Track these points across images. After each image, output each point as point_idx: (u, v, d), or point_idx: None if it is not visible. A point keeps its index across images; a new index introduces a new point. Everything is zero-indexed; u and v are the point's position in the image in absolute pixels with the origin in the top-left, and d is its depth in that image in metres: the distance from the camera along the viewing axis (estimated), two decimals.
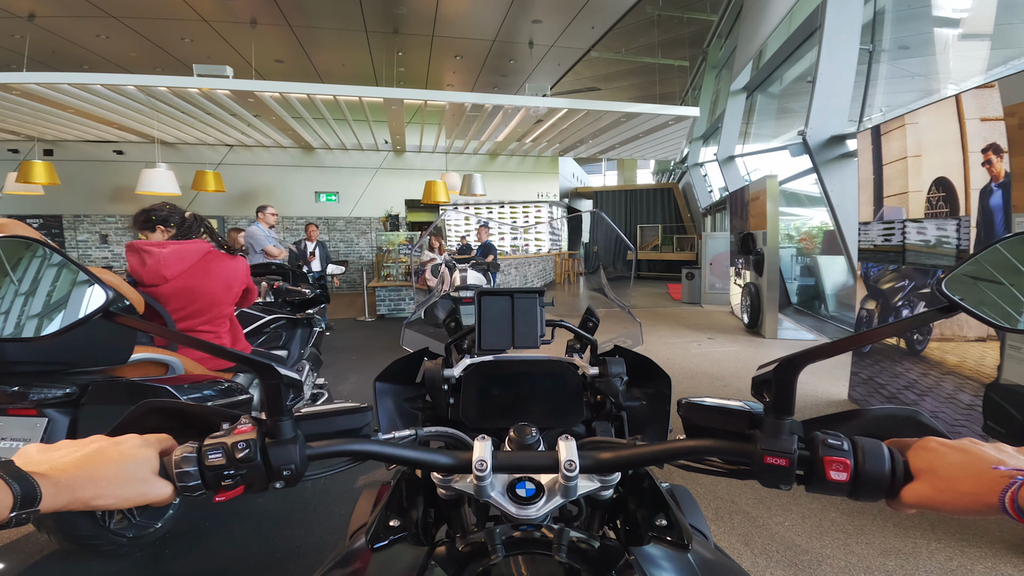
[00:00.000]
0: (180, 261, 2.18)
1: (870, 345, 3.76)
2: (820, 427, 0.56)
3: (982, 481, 0.43)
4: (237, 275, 2.40)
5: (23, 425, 1.61)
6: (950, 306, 0.48)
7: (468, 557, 0.59)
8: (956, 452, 0.46)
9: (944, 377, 3.02)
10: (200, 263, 2.26)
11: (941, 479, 0.46)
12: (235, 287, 2.39)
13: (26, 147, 10.63)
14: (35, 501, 0.43)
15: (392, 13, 7.82)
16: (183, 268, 2.19)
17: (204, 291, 2.26)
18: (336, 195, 12.46)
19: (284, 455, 0.54)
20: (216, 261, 2.33)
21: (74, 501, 0.46)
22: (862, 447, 0.50)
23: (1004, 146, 2.56)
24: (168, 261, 2.14)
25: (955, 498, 0.45)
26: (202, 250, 2.27)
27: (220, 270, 2.32)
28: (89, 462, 0.48)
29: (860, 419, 0.57)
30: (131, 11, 7.44)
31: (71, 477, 0.46)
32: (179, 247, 2.19)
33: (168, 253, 2.14)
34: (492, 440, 0.60)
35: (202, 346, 0.56)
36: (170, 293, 2.19)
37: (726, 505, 2.63)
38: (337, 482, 2.80)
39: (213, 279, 2.29)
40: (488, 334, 0.99)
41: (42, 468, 0.46)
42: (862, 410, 0.58)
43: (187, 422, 0.61)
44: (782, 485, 0.53)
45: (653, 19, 10.81)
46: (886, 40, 6.04)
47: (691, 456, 0.60)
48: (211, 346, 0.56)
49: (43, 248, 0.49)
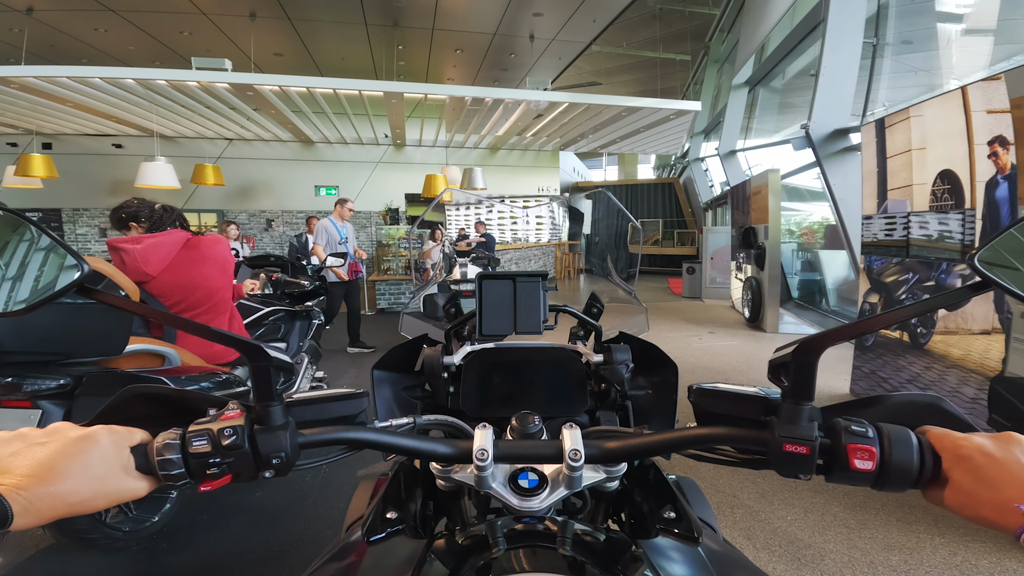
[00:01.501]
0: (159, 254, 2.14)
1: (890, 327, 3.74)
2: (840, 414, 0.53)
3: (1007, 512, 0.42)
4: (225, 254, 2.37)
5: (17, 417, 1.59)
6: (984, 282, 0.45)
7: (468, 550, 0.56)
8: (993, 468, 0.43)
9: (948, 371, 3.00)
10: (184, 252, 2.23)
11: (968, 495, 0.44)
12: (228, 267, 2.37)
13: (24, 141, 10.58)
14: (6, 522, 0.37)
15: (392, 6, 7.76)
16: (166, 261, 2.16)
17: (199, 279, 2.24)
18: (336, 189, 12.40)
19: (273, 442, 0.52)
20: (201, 246, 2.30)
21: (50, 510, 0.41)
22: (888, 434, 0.47)
23: (1010, 138, 2.53)
24: (146, 256, 2.10)
25: (974, 515, 0.44)
26: (180, 239, 2.24)
27: (208, 252, 2.29)
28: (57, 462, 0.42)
29: (881, 406, 0.54)
30: (129, 4, 7.39)
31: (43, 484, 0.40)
32: (155, 240, 2.16)
33: (144, 248, 2.11)
34: (493, 429, 0.58)
35: (186, 326, 0.53)
36: (165, 288, 2.17)
37: (727, 499, 2.62)
38: (336, 475, 2.78)
39: (205, 264, 2.26)
40: (489, 319, 0.96)
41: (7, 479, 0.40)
42: (883, 396, 0.55)
43: (174, 409, 0.58)
44: (802, 475, 0.50)
45: (655, 13, 10.74)
46: (890, 34, 6.00)
47: (703, 444, 0.57)
48: (194, 325, 0.53)
49: (23, 222, 0.47)
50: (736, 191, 8.44)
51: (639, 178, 19.92)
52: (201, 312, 2.26)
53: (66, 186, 10.10)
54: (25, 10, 7.30)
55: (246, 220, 11.90)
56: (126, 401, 0.57)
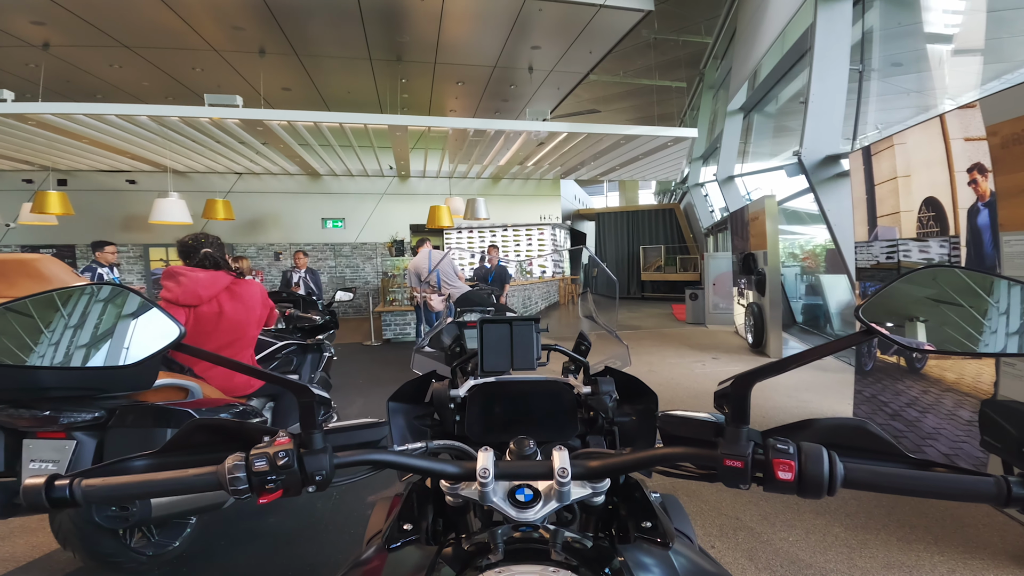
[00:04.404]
0: (212, 285, 2.42)
1: (803, 365, 3.80)
2: (776, 435, 0.63)
3: None
4: (256, 298, 2.62)
5: (52, 447, 1.69)
6: (868, 330, 0.56)
7: (473, 555, 0.65)
8: None
9: (944, 394, 3.06)
10: (225, 291, 2.49)
11: None
12: (257, 309, 2.61)
13: (40, 177, 10.85)
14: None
15: (395, 41, 8.05)
16: (215, 292, 2.43)
17: (233, 316, 2.47)
18: (342, 221, 12.63)
19: (317, 463, 0.63)
20: (239, 288, 2.55)
21: None
22: (805, 451, 0.58)
23: (988, 165, 2.63)
24: (204, 282, 2.39)
25: None
26: (225, 281, 2.50)
27: (242, 293, 2.54)
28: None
29: (813, 428, 0.65)
30: (144, 41, 7.67)
31: None
32: (207, 274, 2.44)
33: (204, 276, 2.41)
34: (494, 452, 0.68)
35: (258, 374, 0.65)
36: (203, 316, 2.40)
37: (731, 522, 2.67)
38: (346, 502, 2.87)
39: (239, 302, 2.50)
40: (489, 358, 1.11)
41: None
42: (815, 420, 0.66)
43: (227, 437, 0.69)
44: (741, 484, 0.60)
45: (649, 42, 11.06)
46: (877, 59, 6.17)
47: (666, 462, 0.67)
48: (255, 370, 0.65)
49: (125, 290, 0.59)
50: (735, 217, 8.53)
51: (640, 204, 20.15)
52: (225, 344, 2.47)
53: (80, 222, 10.31)
54: (42, 45, 7.57)
55: (255, 253, 12.10)
56: (190, 431, 0.68)
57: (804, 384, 5.09)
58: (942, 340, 0.54)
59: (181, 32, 7.40)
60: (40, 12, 6.62)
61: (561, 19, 7.43)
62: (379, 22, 7.41)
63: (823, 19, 5.38)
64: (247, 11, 6.94)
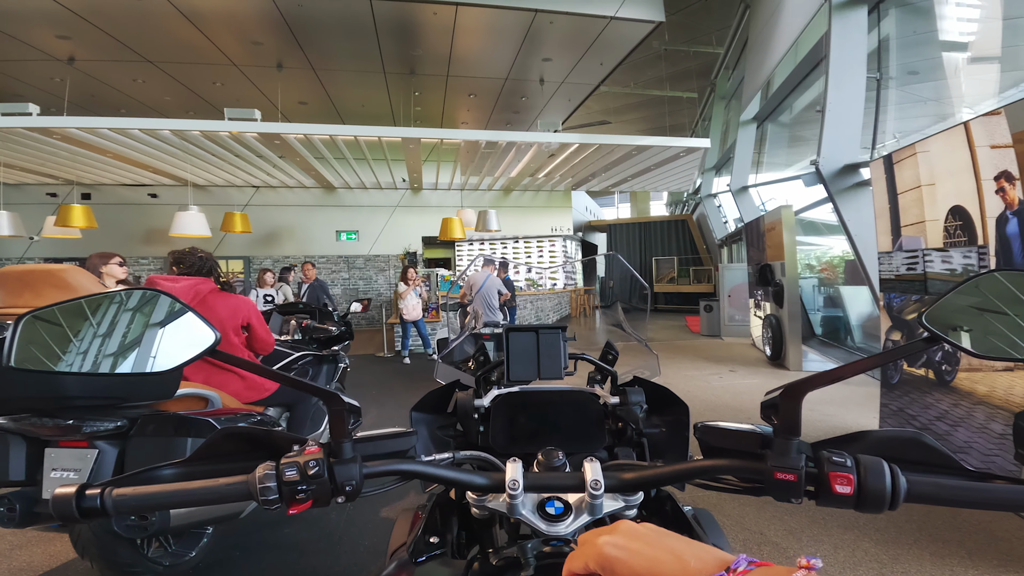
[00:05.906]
0: (188, 295, 2.37)
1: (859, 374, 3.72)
2: (829, 447, 0.60)
3: None
4: (238, 312, 2.55)
5: (75, 456, 1.69)
6: (932, 337, 0.53)
7: (502, 570, 0.63)
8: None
9: (975, 407, 2.97)
10: (209, 297, 2.45)
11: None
12: (227, 323, 2.51)
13: (63, 191, 11.08)
14: None
15: (409, 55, 8.16)
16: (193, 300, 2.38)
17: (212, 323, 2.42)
18: (356, 233, 12.73)
19: (347, 473, 0.61)
20: (222, 297, 2.51)
21: None
22: (864, 464, 0.55)
23: (1016, 173, 2.57)
24: (181, 291, 2.34)
25: None
26: (208, 288, 2.46)
27: (225, 303, 2.50)
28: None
29: (865, 440, 0.62)
30: (166, 56, 7.86)
31: None
32: (189, 282, 2.40)
33: (179, 287, 2.36)
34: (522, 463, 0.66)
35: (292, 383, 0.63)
36: None
37: (755, 536, 2.60)
38: (360, 514, 2.84)
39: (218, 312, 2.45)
40: (516, 366, 1.08)
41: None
42: (867, 431, 0.62)
43: (255, 445, 0.67)
44: (793, 499, 0.57)
45: (660, 53, 11.09)
46: (894, 67, 6.11)
47: (707, 475, 0.64)
48: (292, 380, 0.63)
49: (162, 295, 0.58)
50: (750, 227, 8.45)
51: (652, 215, 20.09)
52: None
53: (103, 235, 10.49)
54: (67, 60, 7.76)
55: (271, 265, 12.27)
56: (220, 440, 0.66)
57: (827, 397, 4.99)
58: (1013, 347, 0.51)
59: (202, 47, 7.56)
60: (66, 27, 6.80)
61: (572, 31, 7.49)
62: (393, 36, 7.52)
63: (838, 27, 5.34)
64: (266, 26, 7.08)
